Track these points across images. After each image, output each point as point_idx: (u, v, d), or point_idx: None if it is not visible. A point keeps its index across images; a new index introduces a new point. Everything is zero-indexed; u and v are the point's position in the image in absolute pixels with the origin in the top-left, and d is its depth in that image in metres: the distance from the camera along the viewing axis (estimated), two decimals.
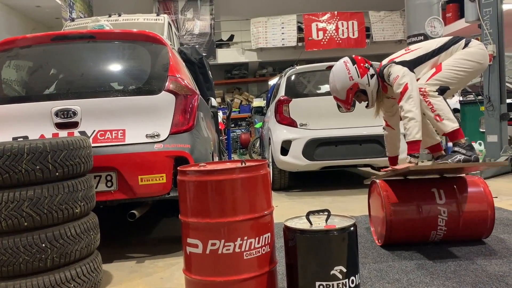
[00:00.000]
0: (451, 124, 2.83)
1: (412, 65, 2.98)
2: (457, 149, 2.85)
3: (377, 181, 3.03)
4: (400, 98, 2.91)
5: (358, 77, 3.05)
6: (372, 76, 3.08)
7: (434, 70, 2.93)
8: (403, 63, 2.98)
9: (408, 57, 3.02)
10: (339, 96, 3.17)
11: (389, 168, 3.24)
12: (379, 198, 2.95)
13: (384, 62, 3.14)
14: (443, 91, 2.88)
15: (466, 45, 2.95)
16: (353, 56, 3.18)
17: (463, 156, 2.81)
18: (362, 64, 3.08)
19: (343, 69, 3.09)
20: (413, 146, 2.87)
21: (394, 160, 3.38)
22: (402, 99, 2.88)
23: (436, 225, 2.82)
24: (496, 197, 3.20)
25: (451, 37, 3.06)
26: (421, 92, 2.86)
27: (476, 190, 2.90)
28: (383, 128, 3.36)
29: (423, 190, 2.88)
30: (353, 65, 3.07)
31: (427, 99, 2.85)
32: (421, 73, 2.99)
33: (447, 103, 2.89)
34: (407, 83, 2.87)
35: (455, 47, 2.96)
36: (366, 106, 3.24)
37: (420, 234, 2.87)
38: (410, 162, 2.87)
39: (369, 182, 3.31)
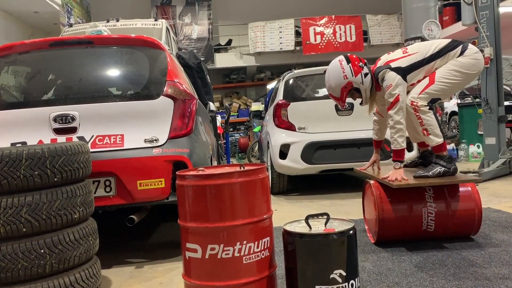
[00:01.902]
0: (436, 139, 3.00)
1: (407, 71, 3.06)
2: (438, 161, 3.02)
3: (371, 181, 3.16)
4: (390, 106, 3.04)
5: (352, 76, 3.13)
6: (366, 75, 3.16)
7: (427, 82, 3.01)
8: (398, 70, 3.04)
9: (404, 62, 3.07)
10: (334, 93, 3.26)
11: (367, 170, 3.47)
12: (372, 198, 3.08)
13: (381, 61, 3.19)
14: (434, 102, 3.02)
15: (462, 52, 3.00)
16: (348, 55, 3.25)
17: (443, 169, 2.98)
18: (356, 63, 3.16)
19: (337, 68, 3.18)
20: (398, 153, 3.06)
21: (379, 143, 3.52)
22: (392, 109, 3.02)
23: (426, 222, 2.93)
24: (477, 185, 3.32)
25: (450, 40, 3.10)
26: (413, 106, 2.99)
27: (464, 189, 3.03)
28: (374, 114, 3.46)
29: (413, 190, 2.98)
30: (348, 64, 3.15)
31: (417, 114, 2.99)
32: (415, 78, 3.09)
33: (436, 118, 3.06)
34: (398, 95, 3.00)
35: (451, 54, 3.02)
36: (360, 103, 3.35)
37: (411, 230, 2.98)
38: (395, 168, 3.02)
39: (358, 171, 3.58)
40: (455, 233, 3.01)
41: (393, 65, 3.07)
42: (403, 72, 3.04)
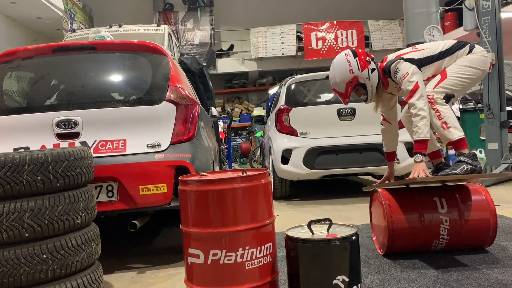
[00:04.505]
0: (457, 132, 2.81)
1: (419, 64, 2.96)
2: (463, 159, 2.82)
3: (379, 189, 3.00)
4: (410, 95, 2.86)
5: (359, 70, 3.01)
6: (372, 70, 3.03)
7: (439, 77, 2.92)
8: (412, 61, 2.96)
9: (416, 55, 3.00)
10: (338, 88, 3.12)
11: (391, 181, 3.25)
12: (380, 207, 2.93)
13: (390, 57, 3.11)
14: (448, 98, 2.88)
15: (470, 51, 2.96)
16: (355, 49, 3.15)
17: (469, 166, 2.78)
18: (363, 57, 3.04)
19: (344, 62, 3.05)
20: (422, 144, 2.84)
21: (391, 155, 3.34)
22: (413, 97, 2.84)
23: (438, 233, 2.80)
24: (498, 205, 3.16)
25: (457, 41, 3.06)
26: (429, 100, 2.84)
27: (478, 198, 2.87)
28: (381, 123, 3.33)
29: (425, 199, 2.87)
30: (354, 58, 3.03)
31: (434, 107, 2.83)
32: (424, 74, 2.99)
33: (453, 111, 2.88)
34: (417, 82, 2.85)
35: (460, 52, 2.96)
36: (365, 101, 3.20)
37: (423, 243, 2.85)
38: (416, 161, 2.82)
39: (369, 189, 3.30)
40: (469, 244, 2.87)
41: (405, 57, 2.99)
42: (417, 63, 2.95)
